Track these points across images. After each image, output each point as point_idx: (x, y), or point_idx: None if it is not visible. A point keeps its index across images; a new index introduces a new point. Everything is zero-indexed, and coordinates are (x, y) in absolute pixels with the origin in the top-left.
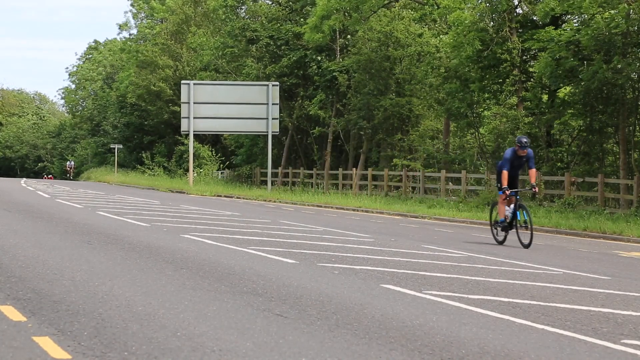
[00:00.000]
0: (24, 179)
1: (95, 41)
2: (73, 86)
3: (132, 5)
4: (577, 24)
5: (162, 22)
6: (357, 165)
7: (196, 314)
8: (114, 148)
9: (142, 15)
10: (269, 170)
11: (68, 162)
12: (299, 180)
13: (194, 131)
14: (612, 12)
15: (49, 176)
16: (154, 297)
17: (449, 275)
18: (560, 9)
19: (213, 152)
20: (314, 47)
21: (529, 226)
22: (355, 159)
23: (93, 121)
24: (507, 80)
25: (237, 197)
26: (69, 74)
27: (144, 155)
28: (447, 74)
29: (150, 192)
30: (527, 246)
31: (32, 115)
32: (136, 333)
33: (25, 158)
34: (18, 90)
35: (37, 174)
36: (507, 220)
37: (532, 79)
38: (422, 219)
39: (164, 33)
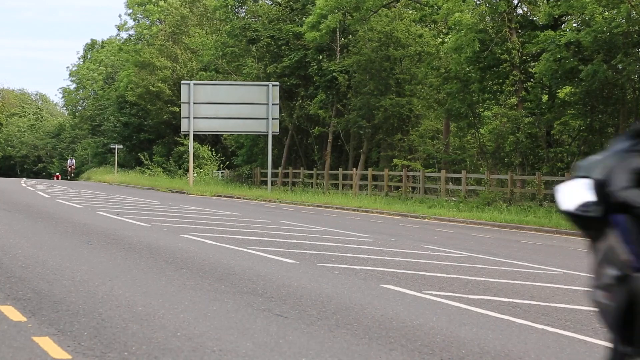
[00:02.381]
0: (24, 179)
1: (92, 40)
2: (73, 86)
3: (127, 7)
4: (576, 24)
5: (160, 22)
6: (357, 165)
7: (196, 314)
8: (114, 148)
9: (140, 16)
10: (269, 170)
11: (69, 161)
12: (299, 180)
13: (194, 131)
14: (613, 12)
15: (56, 174)
16: (154, 297)
17: (449, 275)
18: (561, 10)
19: (213, 152)
20: (315, 47)
21: None
22: (355, 159)
23: (93, 122)
24: (507, 80)
25: (237, 197)
26: (70, 73)
27: (142, 155)
28: (447, 74)
29: (150, 192)
30: None
31: (32, 115)
32: (136, 333)
33: (25, 158)
34: (19, 90)
35: (37, 174)
36: None
37: (532, 79)
38: (422, 219)
39: (162, 34)
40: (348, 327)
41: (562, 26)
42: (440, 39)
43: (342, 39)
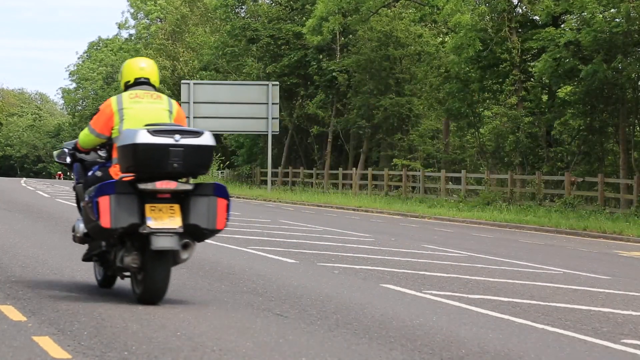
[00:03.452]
0: (24, 178)
1: (99, 37)
2: (73, 85)
3: (130, 6)
4: (576, 24)
5: (160, 21)
6: (357, 165)
7: (196, 314)
8: None
9: (141, 15)
10: (269, 170)
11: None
12: (299, 180)
13: None
14: (613, 11)
15: (58, 173)
16: None
17: (449, 275)
18: (561, 8)
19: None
20: (315, 47)
21: None
22: (355, 158)
23: None
24: (507, 80)
25: (237, 197)
26: (70, 73)
27: None
28: (447, 74)
29: None
30: None
31: (31, 115)
32: (136, 333)
33: (25, 158)
34: (19, 90)
35: (36, 174)
36: None
37: (532, 79)
38: (422, 219)
39: (161, 34)
40: (348, 327)
41: (562, 25)
42: (440, 39)
43: (342, 39)
